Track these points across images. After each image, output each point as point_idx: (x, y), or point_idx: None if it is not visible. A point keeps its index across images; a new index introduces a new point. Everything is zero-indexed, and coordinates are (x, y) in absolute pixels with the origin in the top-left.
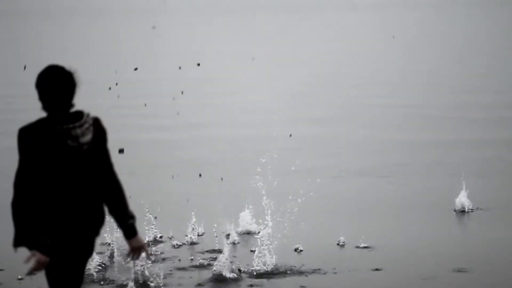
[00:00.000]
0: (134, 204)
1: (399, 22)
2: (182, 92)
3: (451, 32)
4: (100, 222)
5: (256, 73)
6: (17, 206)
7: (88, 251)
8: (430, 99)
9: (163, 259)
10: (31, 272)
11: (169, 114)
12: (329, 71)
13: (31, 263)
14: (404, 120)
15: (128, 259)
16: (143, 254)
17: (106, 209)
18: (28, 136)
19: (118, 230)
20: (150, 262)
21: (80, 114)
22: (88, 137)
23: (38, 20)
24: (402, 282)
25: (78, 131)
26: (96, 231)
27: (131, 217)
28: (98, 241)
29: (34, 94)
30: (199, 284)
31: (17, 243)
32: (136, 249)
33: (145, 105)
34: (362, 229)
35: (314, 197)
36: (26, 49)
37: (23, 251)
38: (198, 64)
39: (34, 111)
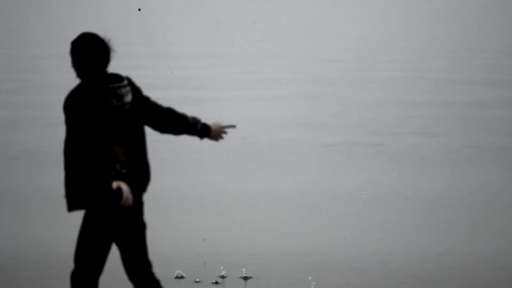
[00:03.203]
0: None
1: None
2: None
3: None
4: (148, 178)
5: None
6: (77, 164)
7: (139, 210)
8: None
9: None
10: (125, 203)
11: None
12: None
13: (124, 194)
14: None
15: (219, 140)
16: (226, 130)
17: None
18: (73, 103)
19: None
20: (235, 127)
21: (118, 75)
22: (129, 97)
23: None
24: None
25: (123, 90)
26: (143, 188)
27: (197, 121)
28: None
29: None
30: None
31: (84, 203)
32: (218, 134)
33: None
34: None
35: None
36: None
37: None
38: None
39: None
